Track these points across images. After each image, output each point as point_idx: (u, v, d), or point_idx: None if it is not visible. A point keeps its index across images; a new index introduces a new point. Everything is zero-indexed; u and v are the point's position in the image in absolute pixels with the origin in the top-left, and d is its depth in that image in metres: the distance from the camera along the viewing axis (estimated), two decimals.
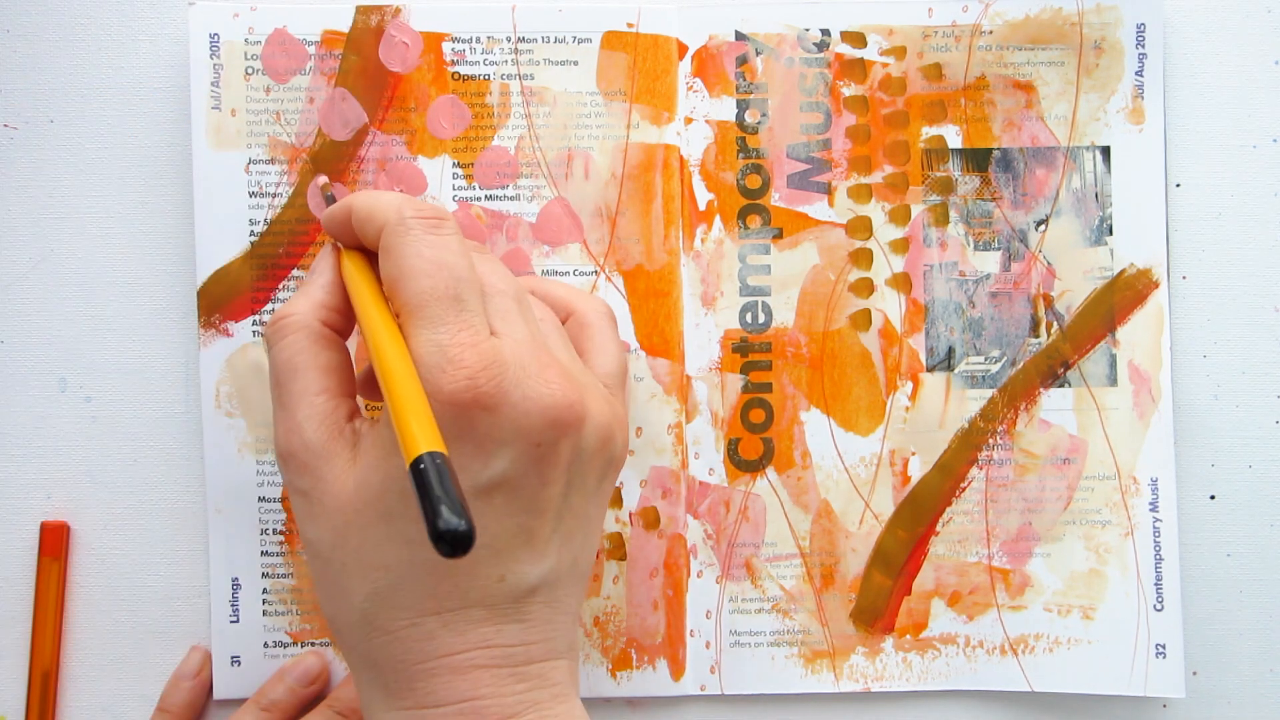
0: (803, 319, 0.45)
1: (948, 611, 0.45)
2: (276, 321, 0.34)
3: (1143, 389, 0.45)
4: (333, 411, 0.33)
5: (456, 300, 0.32)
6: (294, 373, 0.34)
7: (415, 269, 0.32)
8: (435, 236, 0.33)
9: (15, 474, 0.45)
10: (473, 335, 0.31)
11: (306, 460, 0.33)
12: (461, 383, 0.30)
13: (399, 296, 0.32)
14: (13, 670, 0.45)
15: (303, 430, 0.33)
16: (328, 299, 0.35)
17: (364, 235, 0.35)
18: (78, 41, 0.45)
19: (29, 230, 0.45)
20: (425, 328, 0.31)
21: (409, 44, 0.45)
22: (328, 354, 0.34)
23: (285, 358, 0.34)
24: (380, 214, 0.34)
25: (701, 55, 0.45)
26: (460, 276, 0.32)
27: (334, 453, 0.33)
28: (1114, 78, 0.45)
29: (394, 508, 0.31)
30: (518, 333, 0.33)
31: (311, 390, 0.33)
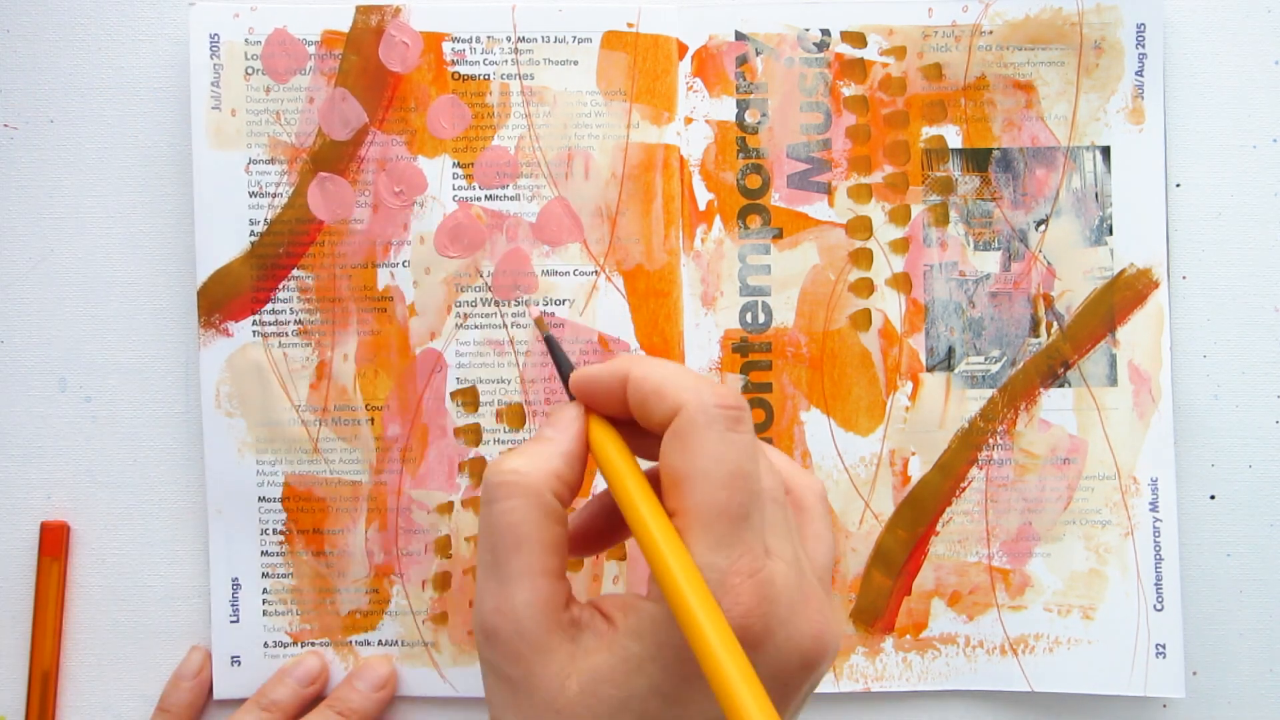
0: (803, 319, 0.45)
1: (948, 611, 0.45)
2: (503, 475, 0.30)
3: (1143, 389, 0.45)
4: (554, 597, 0.30)
5: (745, 519, 0.29)
6: (517, 544, 0.30)
7: (712, 474, 0.29)
8: (735, 435, 0.29)
9: (15, 474, 0.45)
10: (751, 563, 0.28)
11: (520, 649, 0.29)
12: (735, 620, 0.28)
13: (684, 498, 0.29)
14: (13, 670, 0.45)
15: (519, 615, 0.29)
16: (565, 471, 0.31)
17: (645, 410, 0.31)
18: (78, 41, 0.45)
19: (29, 230, 0.45)
20: (709, 548, 0.28)
21: (409, 44, 0.45)
22: (555, 529, 0.30)
23: (509, 523, 0.30)
24: (676, 394, 0.30)
25: (701, 55, 0.45)
26: (753, 491, 0.29)
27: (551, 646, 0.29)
28: (1114, 78, 0.45)
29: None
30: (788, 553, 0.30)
31: (535, 569, 0.30)
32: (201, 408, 0.45)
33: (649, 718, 0.29)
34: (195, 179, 0.44)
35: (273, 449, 0.45)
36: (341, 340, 0.45)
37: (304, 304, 0.45)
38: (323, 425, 0.45)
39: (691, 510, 0.29)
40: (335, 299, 0.45)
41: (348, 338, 0.45)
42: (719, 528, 0.28)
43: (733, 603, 0.28)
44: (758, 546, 0.29)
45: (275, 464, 0.45)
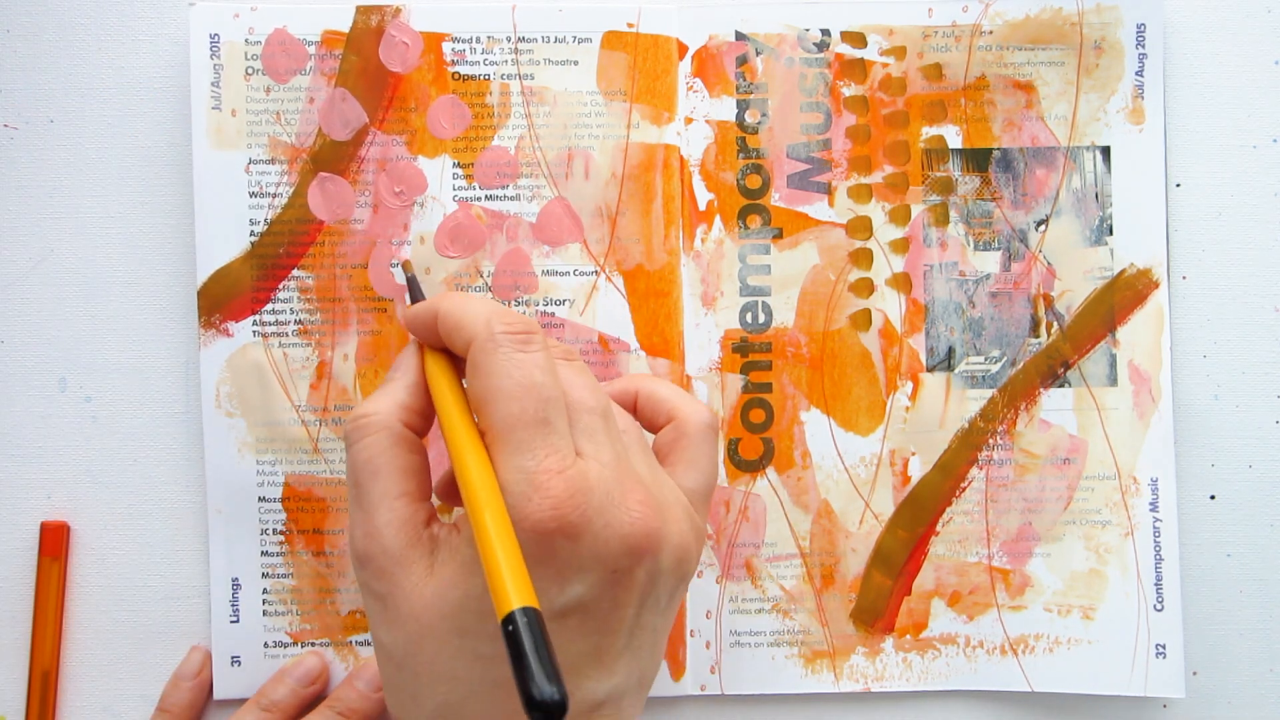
0: (803, 319, 0.45)
1: (948, 611, 0.45)
2: (357, 420, 0.34)
3: (1143, 389, 0.45)
4: (412, 516, 0.33)
5: (544, 424, 0.31)
6: (374, 474, 0.33)
7: (503, 391, 0.32)
8: (524, 354, 0.32)
9: (15, 474, 0.45)
10: (559, 460, 0.31)
11: (385, 566, 0.32)
12: (547, 512, 0.30)
13: (486, 418, 0.32)
14: (13, 670, 0.45)
15: (382, 535, 0.33)
16: (410, 400, 0.35)
17: (450, 343, 0.34)
18: (78, 41, 0.45)
19: (29, 230, 0.45)
20: (512, 454, 0.31)
21: (409, 44, 0.45)
22: (408, 456, 0.34)
23: (366, 458, 0.33)
24: (468, 327, 0.33)
25: (701, 55, 0.45)
26: (548, 398, 0.32)
27: (412, 560, 0.32)
28: (1114, 78, 0.45)
29: (469, 624, 0.32)
30: (603, 454, 0.32)
31: (392, 494, 0.33)
32: (201, 408, 0.45)
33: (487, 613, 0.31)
34: (195, 179, 0.44)
35: (273, 449, 0.45)
36: (342, 340, 0.45)
37: (304, 304, 0.45)
38: (323, 425, 0.45)
39: (494, 426, 0.32)
40: (335, 299, 0.45)
41: (348, 338, 0.45)
42: (517, 435, 0.31)
43: (544, 496, 0.30)
44: (564, 447, 0.31)
45: (275, 464, 0.45)
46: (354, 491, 0.34)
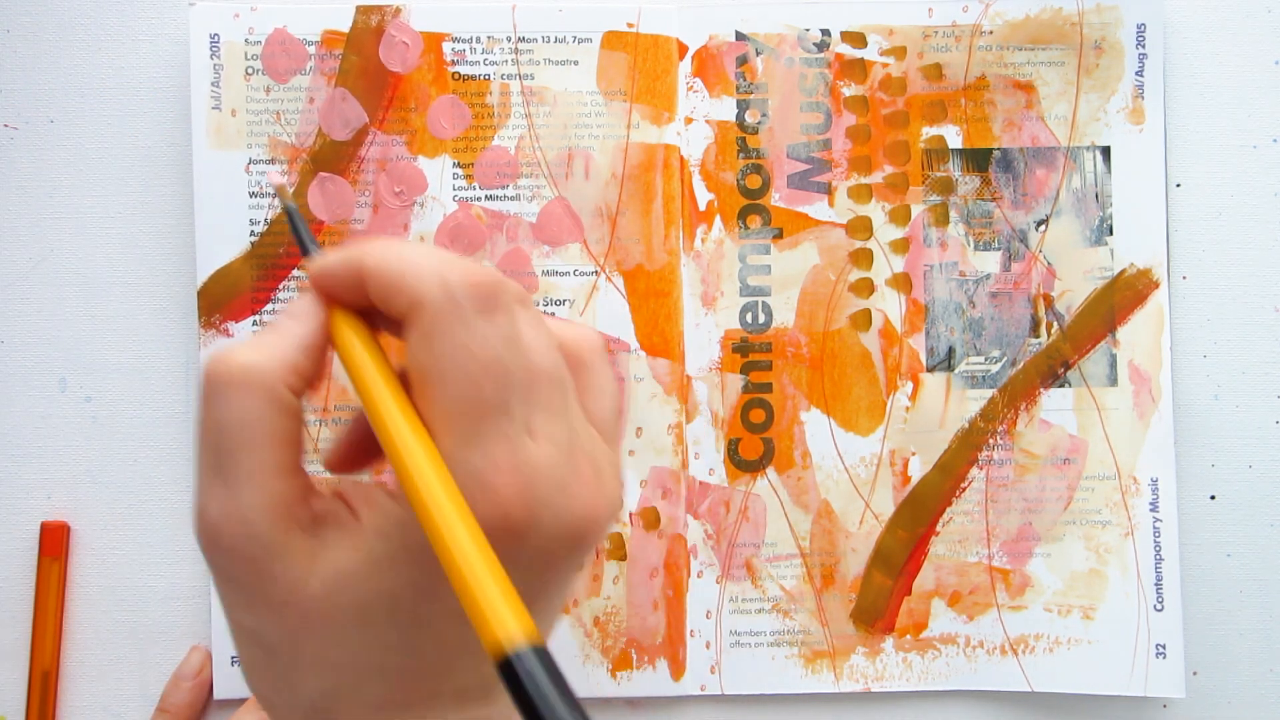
0: (803, 319, 0.45)
1: (948, 611, 0.45)
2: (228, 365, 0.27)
3: (1143, 389, 0.45)
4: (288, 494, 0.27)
5: (501, 410, 0.26)
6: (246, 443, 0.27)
7: (460, 371, 0.26)
8: (488, 322, 0.26)
9: (15, 474, 0.45)
10: (509, 451, 0.26)
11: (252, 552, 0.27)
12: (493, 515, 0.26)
13: (429, 397, 0.27)
14: (13, 670, 0.45)
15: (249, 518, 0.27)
16: (303, 363, 0.28)
17: (385, 303, 0.28)
18: (78, 41, 0.45)
19: (29, 230, 0.45)
20: (459, 445, 0.26)
21: (409, 44, 0.45)
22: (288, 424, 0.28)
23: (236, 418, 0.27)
24: (414, 286, 0.27)
25: (701, 55, 0.45)
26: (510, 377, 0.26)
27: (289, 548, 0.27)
28: (1114, 78, 0.45)
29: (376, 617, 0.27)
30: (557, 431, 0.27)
31: (267, 468, 0.27)
32: None
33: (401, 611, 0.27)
34: (195, 179, 0.44)
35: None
36: None
37: None
38: (323, 425, 0.45)
39: (440, 410, 0.26)
40: None
41: None
42: (468, 423, 0.26)
43: (489, 495, 0.26)
44: (516, 433, 0.26)
45: None
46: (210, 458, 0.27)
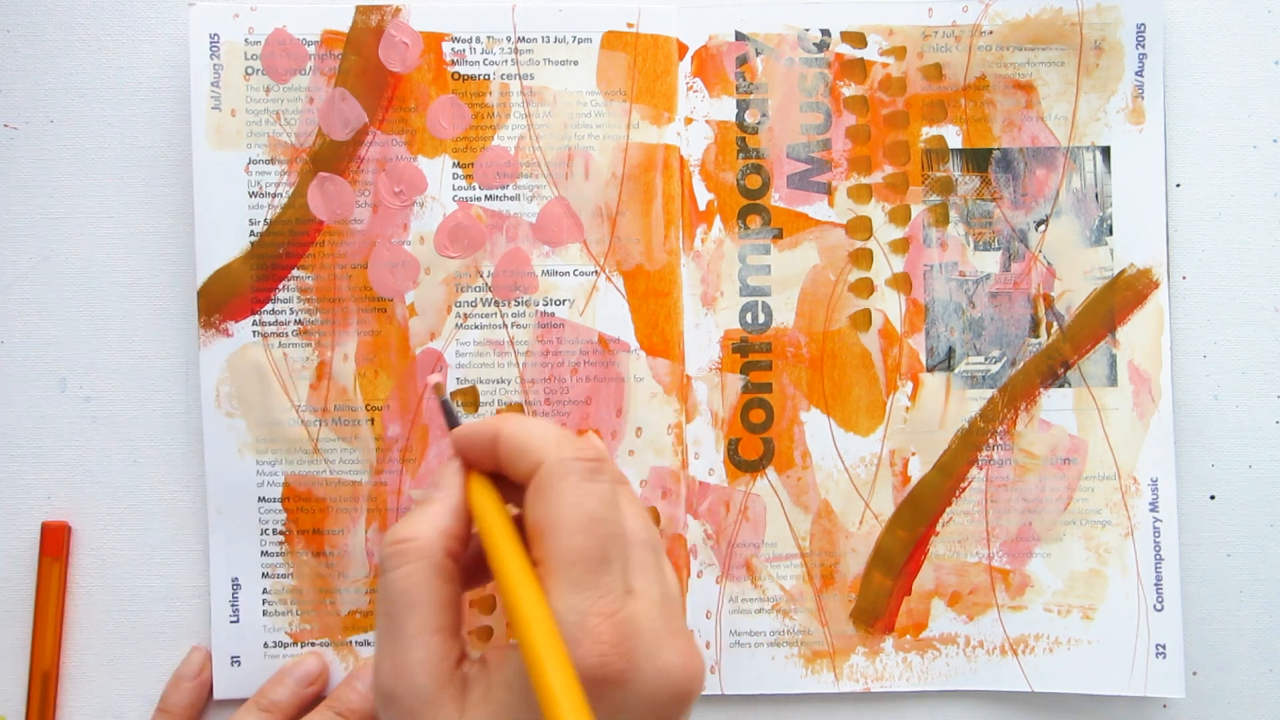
0: (803, 319, 0.45)
1: (948, 612, 0.45)
2: (395, 544, 0.32)
3: (1143, 389, 0.45)
4: (445, 655, 0.32)
5: (603, 562, 0.30)
6: (410, 607, 0.32)
7: (569, 523, 0.31)
8: (592, 485, 0.31)
9: (15, 474, 0.45)
10: (611, 603, 0.30)
11: (413, 706, 0.31)
12: (595, 659, 0.29)
13: (544, 546, 0.31)
14: (13, 670, 0.45)
15: (414, 674, 0.31)
16: (453, 525, 0.33)
17: (511, 467, 0.33)
18: (78, 41, 0.45)
19: (29, 230, 0.45)
20: (567, 590, 0.30)
21: (409, 44, 0.45)
22: (446, 588, 0.32)
23: (403, 588, 0.32)
24: (536, 450, 0.32)
25: (701, 55, 0.45)
26: (611, 534, 0.31)
27: (443, 701, 0.31)
28: (1114, 78, 0.45)
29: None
30: (653, 592, 0.32)
31: (429, 629, 0.31)
32: (201, 408, 0.45)
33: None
34: (195, 179, 0.44)
35: (273, 449, 0.45)
36: (341, 340, 0.45)
37: (304, 304, 0.45)
38: (323, 425, 0.45)
39: (552, 557, 0.30)
40: (335, 299, 0.45)
41: (348, 338, 0.45)
42: (577, 571, 0.30)
43: (594, 642, 0.29)
44: (618, 587, 0.30)
45: (275, 464, 0.45)
46: (385, 623, 0.32)
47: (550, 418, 0.45)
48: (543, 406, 0.45)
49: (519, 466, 0.33)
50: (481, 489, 0.34)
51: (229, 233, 0.44)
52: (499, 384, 0.45)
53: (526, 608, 0.29)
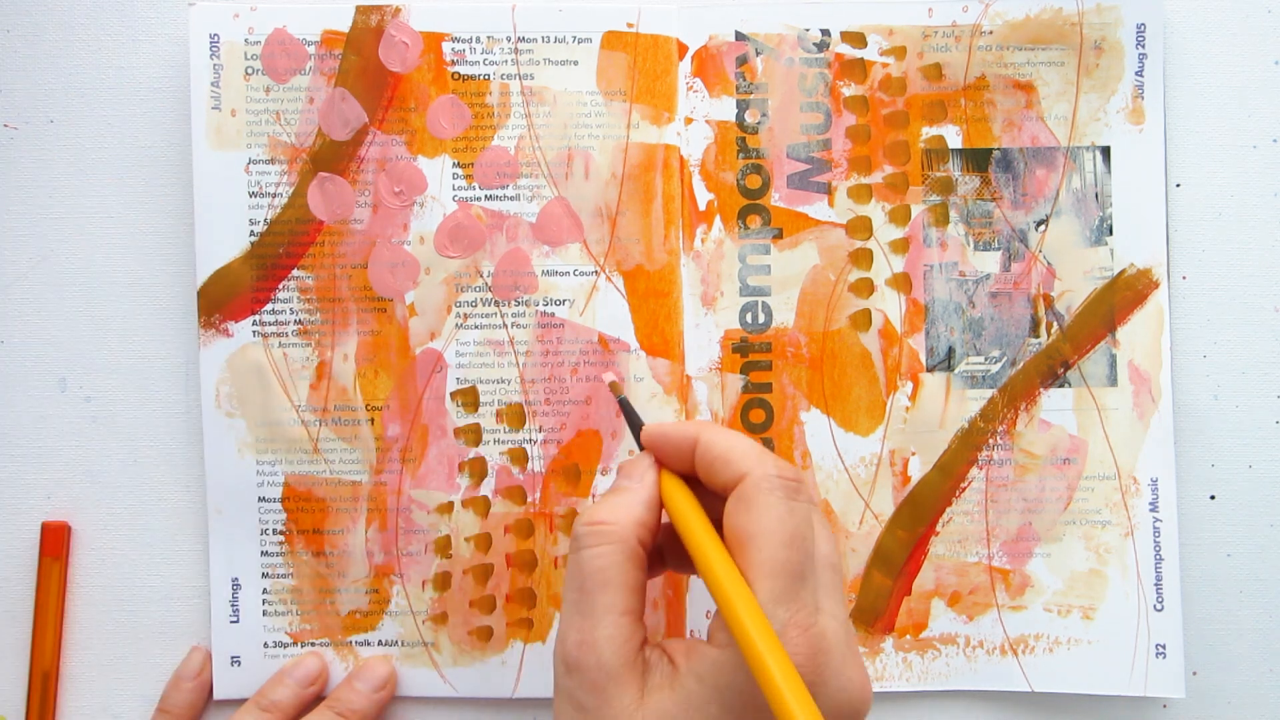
0: (803, 319, 0.45)
1: (948, 612, 0.45)
2: (597, 524, 0.34)
3: (1143, 389, 0.45)
4: (631, 636, 0.33)
5: (802, 578, 0.32)
6: (604, 585, 0.33)
7: (775, 536, 0.32)
8: (795, 503, 0.33)
9: (15, 474, 0.45)
10: (807, 617, 0.32)
11: (597, 680, 0.32)
12: None
13: (748, 555, 0.32)
14: (13, 670, 0.45)
15: (600, 648, 0.33)
16: (647, 517, 0.35)
17: (710, 472, 0.35)
18: (78, 41, 0.45)
19: (29, 230, 0.45)
20: (769, 600, 0.31)
21: (409, 44, 0.45)
22: (637, 574, 0.34)
23: (599, 566, 0.33)
24: (740, 462, 0.34)
25: (701, 55, 0.45)
26: (810, 552, 0.33)
27: (626, 681, 0.32)
28: (1114, 78, 0.45)
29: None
30: (839, 613, 0.33)
31: (618, 609, 0.33)
32: (201, 408, 0.45)
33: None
34: (195, 179, 0.44)
35: (273, 449, 0.45)
36: (341, 340, 0.45)
37: (304, 304, 0.45)
38: (323, 425, 0.45)
39: (755, 566, 0.32)
40: (335, 299, 0.45)
41: (348, 338, 0.45)
42: (779, 583, 0.32)
43: (791, 651, 0.31)
44: (811, 603, 0.32)
45: (275, 464, 0.45)
46: (576, 596, 0.34)
47: (550, 418, 0.45)
48: (542, 406, 0.45)
49: (719, 474, 0.34)
50: (678, 488, 0.36)
51: (229, 233, 0.44)
52: (499, 384, 0.45)
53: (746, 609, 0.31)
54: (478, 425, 0.45)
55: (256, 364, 0.45)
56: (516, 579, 0.45)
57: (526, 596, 0.45)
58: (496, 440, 0.45)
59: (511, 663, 0.45)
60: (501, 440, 0.45)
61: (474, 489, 0.45)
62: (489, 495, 0.45)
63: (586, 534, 0.34)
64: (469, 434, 0.45)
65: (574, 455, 0.45)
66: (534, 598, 0.45)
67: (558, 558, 0.45)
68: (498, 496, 0.45)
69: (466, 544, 0.45)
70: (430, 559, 0.45)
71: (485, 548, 0.45)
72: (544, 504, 0.45)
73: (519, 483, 0.45)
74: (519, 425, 0.45)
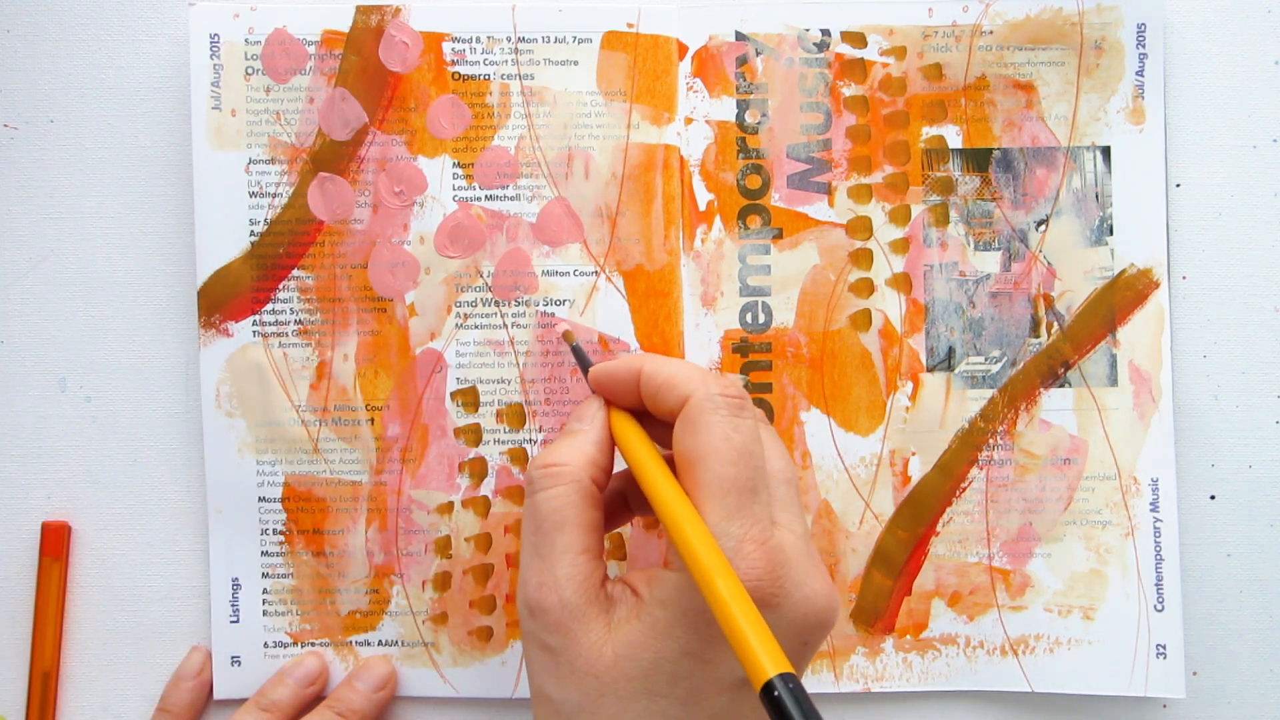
0: (803, 319, 0.45)
1: (948, 612, 0.45)
2: (548, 467, 0.34)
3: (1143, 389, 0.45)
4: (592, 573, 0.33)
5: (753, 493, 0.32)
6: (560, 526, 0.33)
7: (721, 454, 0.32)
8: (740, 419, 0.33)
9: (15, 474, 0.45)
10: (762, 531, 0.32)
11: (562, 619, 0.33)
12: (750, 583, 0.31)
13: (695, 477, 0.32)
14: (13, 670, 0.45)
15: (561, 588, 0.33)
16: (599, 456, 0.35)
17: (656, 401, 0.35)
18: (78, 41, 0.45)
19: (29, 230, 0.45)
20: (721, 518, 0.31)
21: (409, 44, 0.45)
22: (593, 512, 0.34)
23: (553, 507, 0.34)
24: (684, 385, 0.34)
25: (701, 55, 0.45)
26: (759, 467, 0.32)
27: (590, 616, 0.33)
28: (1114, 78, 0.45)
29: (660, 687, 0.32)
30: (796, 525, 0.33)
31: (575, 548, 0.33)
32: (201, 408, 0.45)
33: (680, 677, 0.31)
34: (195, 179, 0.44)
35: (273, 449, 0.45)
36: (341, 340, 0.45)
37: (304, 304, 0.45)
38: (323, 425, 0.45)
39: (704, 486, 0.32)
40: (335, 299, 0.45)
41: (348, 338, 0.45)
42: (729, 500, 0.31)
43: (748, 566, 0.31)
44: (765, 518, 0.32)
45: (275, 464, 0.45)
46: (533, 539, 0.34)
47: (550, 418, 0.45)
48: (542, 406, 0.45)
49: (664, 401, 0.34)
50: (626, 423, 0.36)
51: (229, 233, 0.44)
52: (499, 384, 0.45)
53: (690, 528, 0.31)
54: (478, 425, 0.45)
55: (256, 364, 0.45)
56: (517, 579, 0.45)
57: None
58: (497, 440, 0.45)
59: (511, 663, 0.45)
60: (502, 440, 0.45)
61: (474, 489, 0.45)
62: (489, 495, 0.45)
63: (540, 476, 0.34)
64: (469, 434, 0.45)
65: None
66: None
67: None
68: (498, 496, 0.45)
69: (467, 544, 0.45)
70: (430, 559, 0.45)
71: (485, 548, 0.45)
72: None
73: (519, 483, 0.45)
74: (519, 425, 0.45)
